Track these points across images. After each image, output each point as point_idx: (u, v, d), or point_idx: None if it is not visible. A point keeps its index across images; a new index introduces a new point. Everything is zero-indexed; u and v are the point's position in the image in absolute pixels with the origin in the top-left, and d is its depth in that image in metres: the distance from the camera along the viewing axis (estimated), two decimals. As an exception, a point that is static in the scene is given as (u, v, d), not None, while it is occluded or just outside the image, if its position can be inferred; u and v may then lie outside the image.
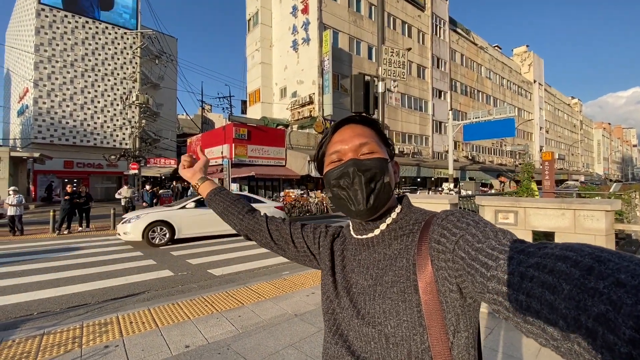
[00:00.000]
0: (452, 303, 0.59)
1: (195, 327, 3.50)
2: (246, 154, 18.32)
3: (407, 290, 0.62)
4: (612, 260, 0.34)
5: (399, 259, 0.67)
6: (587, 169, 72.32)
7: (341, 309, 0.72)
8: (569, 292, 0.34)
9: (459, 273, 0.55)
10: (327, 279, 0.80)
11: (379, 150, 0.73)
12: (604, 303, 0.31)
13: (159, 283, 5.56)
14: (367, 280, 0.70)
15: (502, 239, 0.51)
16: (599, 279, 0.33)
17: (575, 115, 69.57)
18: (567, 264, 0.36)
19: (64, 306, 4.49)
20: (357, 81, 5.89)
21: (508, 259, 0.45)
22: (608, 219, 3.28)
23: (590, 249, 0.37)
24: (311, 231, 0.93)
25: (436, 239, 0.61)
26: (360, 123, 0.77)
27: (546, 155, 7.98)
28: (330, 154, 0.76)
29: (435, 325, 0.59)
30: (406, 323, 0.61)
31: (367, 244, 0.75)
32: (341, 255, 0.80)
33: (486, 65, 39.74)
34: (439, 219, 0.64)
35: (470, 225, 0.57)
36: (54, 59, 24.06)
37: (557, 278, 0.36)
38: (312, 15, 22.92)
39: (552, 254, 0.39)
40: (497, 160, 39.70)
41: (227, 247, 8.58)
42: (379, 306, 0.64)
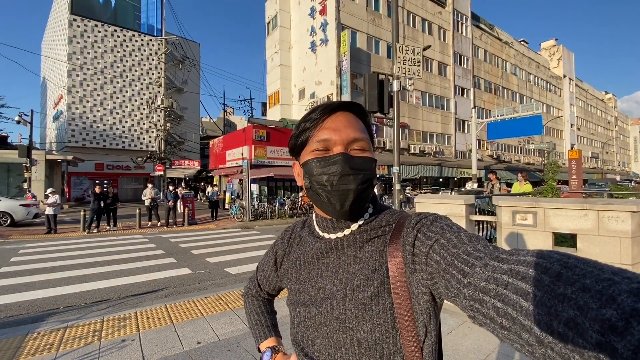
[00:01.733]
0: (424, 305, 0.59)
1: (207, 324, 3.58)
2: (265, 155, 18.56)
3: (380, 294, 0.61)
4: (578, 266, 0.35)
5: (371, 261, 0.65)
6: (623, 168, 68.00)
7: (308, 317, 0.69)
8: (541, 298, 0.35)
9: (432, 276, 0.55)
10: (292, 290, 0.76)
11: (369, 149, 0.69)
12: (572, 308, 0.32)
13: (177, 280, 5.74)
14: (335, 285, 0.67)
15: (476, 245, 0.51)
16: (567, 284, 0.34)
17: (609, 111, 65.59)
18: (538, 270, 0.37)
19: (88, 301, 4.72)
20: (370, 80, 5.84)
21: (483, 266, 0.45)
22: (635, 221, 3.07)
23: (559, 255, 0.38)
24: (264, 277, 0.91)
25: (410, 241, 0.60)
26: (354, 112, 0.70)
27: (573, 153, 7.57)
28: (317, 140, 0.67)
29: (407, 327, 0.59)
30: (379, 327, 0.60)
31: (335, 246, 0.70)
32: (304, 262, 0.75)
33: (511, 61, 38.23)
34: (412, 222, 0.63)
35: (445, 230, 0.57)
36: (85, 67, 25.41)
37: (529, 284, 0.37)
38: (330, 15, 22.93)
39: (524, 261, 0.40)
40: (524, 160, 38.09)
41: (244, 246, 8.74)
42: (350, 311, 0.62)
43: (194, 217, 13.95)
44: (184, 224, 12.90)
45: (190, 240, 9.62)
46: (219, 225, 12.98)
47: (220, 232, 11.55)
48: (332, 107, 0.69)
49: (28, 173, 17.88)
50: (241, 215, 14.13)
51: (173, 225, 12.57)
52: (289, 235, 0.85)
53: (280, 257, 0.84)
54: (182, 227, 12.51)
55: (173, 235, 10.61)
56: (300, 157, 0.72)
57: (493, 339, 3.13)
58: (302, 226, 0.85)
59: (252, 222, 13.30)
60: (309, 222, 0.83)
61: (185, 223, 12.95)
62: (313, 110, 0.70)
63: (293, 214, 15.13)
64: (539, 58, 45.08)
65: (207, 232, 11.39)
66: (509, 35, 39.73)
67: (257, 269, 0.96)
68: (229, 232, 11.51)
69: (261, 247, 8.67)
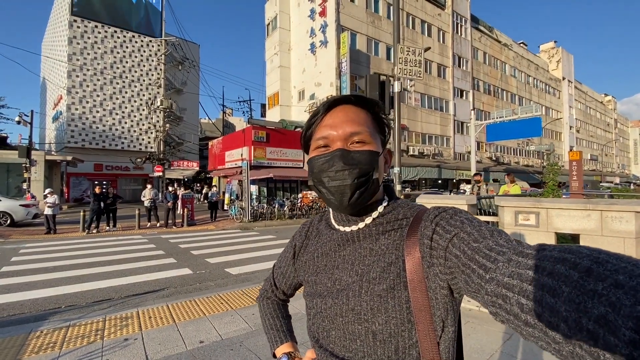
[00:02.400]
0: (442, 299, 0.59)
1: (210, 324, 3.57)
2: (265, 156, 18.57)
3: (396, 287, 0.61)
4: (610, 261, 0.33)
5: (387, 254, 0.65)
6: (622, 170, 68.21)
7: (324, 308, 0.69)
8: (569, 295, 0.34)
9: (450, 271, 0.55)
10: (309, 282, 0.76)
11: (371, 141, 0.67)
12: (603, 305, 0.31)
13: (178, 280, 5.72)
14: (351, 277, 0.67)
15: (498, 240, 0.50)
16: (597, 280, 0.32)
17: (609, 114, 65.82)
18: (565, 266, 0.36)
19: (90, 300, 4.71)
20: (372, 81, 5.85)
21: (507, 261, 0.44)
22: (639, 221, 3.08)
23: (589, 250, 0.36)
24: (281, 274, 0.90)
25: (428, 235, 0.59)
26: (356, 104, 0.70)
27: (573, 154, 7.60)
28: (318, 138, 0.70)
29: (423, 321, 0.59)
30: (395, 320, 0.60)
31: (351, 239, 0.71)
32: (321, 254, 0.75)
33: (510, 63, 38.37)
34: (430, 215, 0.63)
35: (465, 224, 0.56)
36: (85, 67, 25.40)
37: (556, 280, 0.36)
38: (329, 17, 23.00)
39: (550, 256, 0.39)
40: (523, 161, 38.19)
41: (244, 247, 8.73)
42: (365, 303, 0.62)
43: (193, 218, 13.93)
44: (183, 225, 12.88)
45: (190, 241, 9.60)
46: (218, 226, 12.96)
47: (219, 233, 11.53)
48: (330, 103, 0.70)
49: (27, 173, 17.83)
50: (240, 216, 14.11)
51: (172, 226, 12.54)
52: (307, 228, 0.86)
53: (298, 249, 0.84)
54: (182, 228, 12.49)
55: (172, 236, 10.58)
56: (309, 153, 0.74)
57: (496, 339, 3.13)
58: (319, 219, 0.85)
59: (251, 223, 13.29)
60: (327, 215, 0.83)
61: (184, 224, 12.93)
62: (319, 106, 0.72)
63: (293, 214, 15.11)
64: (538, 60, 45.27)
65: (206, 233, 11.37)
66: (508, 37, 39.91)
67: (274, 267, 0.96)
68: (228, 233, 11.49)
69: (261, 247, 8.66)
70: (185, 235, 10.74)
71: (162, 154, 26.10)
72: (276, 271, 0.93)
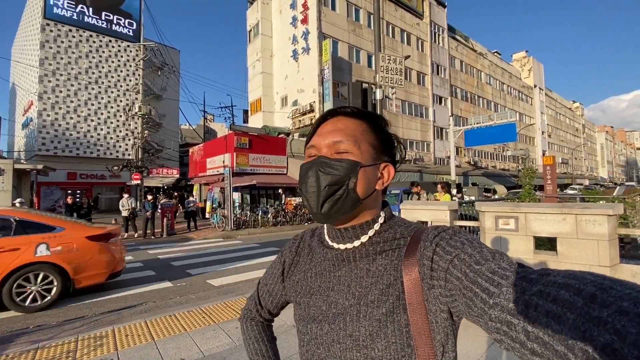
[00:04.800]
0: (442, 323, 0.57)
1: (191, 340, 3.44)
2: (247, 162, 18.35)
3: (395, 311, 0.58)
4: (614, 287, 0.33)
5: (385, 276, 0.62)
6: (591, 173, 71.76)
7: (320, 334, 0.65)
8: (574, 322, 0.33)
9: (451, 293, 0.53)
10: (301, 304, 0.72)
11: (354, 152, 0.65)
12: (609, 332, 0.30)
13: (157, 294, 5.50)
14: (348, 300, 0.64)
15: (501, 262, 0.49)
16: (602, 307, 0.32)
17: (577, 119, 69.33)
18: (570, 292, 0.35)
19: (61, 319, 4.44)
20: (354, 89, 5.90)
21: (511, 286, 0.43)
22: (611, 224, 3.21)
23: (593, 276, 0.36)
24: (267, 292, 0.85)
25: (428, 256, 0.57)
26: (351, 116, 0.69)
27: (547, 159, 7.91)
28: (308, 147, 0.71)
29: (423, 345, 0.56)
30: (394, 345, 0.57)
31: (347, 258, 0.67)
32: (315, 274, 0.72)
33: (486, 71, 39.86)
34: (430, 235, 0.61)
35: (465, 244, 0.55)
36: (58, 72, 24.45)
37: (561, 307, 0.35)
38: (311, 25, 23.20)
39: (554, 282, 0.38)
40: (500, 165, 39.52)
41: (227, 257, 8.53)
42: (364, 328, 0.59)
43: (173, 228, 13.52)
44: (162, 235, 12.48)
45: (170, 252, 9.31)
46: (199, 236, 12.63)
47: (201, 242, 11.24)
48: (326, 113, 0.72)
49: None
50: (223, 224, 13.83)
51: (151, 237, 12.13)
52: (297, 244, 0.82)
53: (288, 267, 0.80)
54: (161, 238, 12.10)
55: (151, 247, 10.22)
56: None
57: (481, 344, 3.15)
58: (311, 235, 0.81)
59: (234, 232, 13.04)
60: (319, 231, 0.79)
61: (164, 234, 12.53)
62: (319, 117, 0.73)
63: (277, 222, 14.94)
64: (511, 69, 47.25)
65: (187, 243, 11.06)
66: (482, 46, 41.49)
67: (259, 284, 0.90)
68: (210, 242, 11.22)
69: (245, 257, 8.49)
70: (165, 246, 10.39)
71: (140, 161, 25.33)
72: (262, 289, 0.88)
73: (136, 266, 7.55)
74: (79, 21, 25.63)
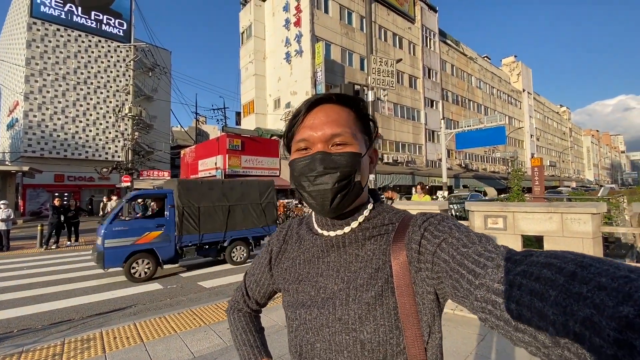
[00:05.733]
0: (428, 305, 0.58)
1: (181, 341, 3.40)
2: (240, 164, 18.28)
3: (384, 294, 0.60)
4: (593, 265, 0.34)
5: (374, 260, 0.63)
6: (578, 175, 73.30)
7: (309, 319, 0.65)
8: (556, 298, 0.34)
9: (438, 275, 0.55)
10: (289, 291, 0.72)
11: (353, 142, 0.64)
12: (588, 307, 0.31)
13: (147, 297, 5.43)
14: (337, 284, 0.64)
15: (487, 245, 0.50)
16: (582, 283, 0.33)
17: (564, 123, 70.83)
18: (552, 270, 0.37)
19: (47, 323, 4.34)
20: (346, 90, 5.94)
21: (496, 267, 0.45)
22: (594, 222, 3.29)
23: (573, 255, 0.38)
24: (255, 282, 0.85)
25: (416, 240, 0.59)
26: (338, 103, 0.67)
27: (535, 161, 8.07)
28: (298, 140, 0.67)
29: (411, 327, 0.58)
30: (383, 327, 0.58)
31: (336, 244, 0.68)
32: (303, 261, 0.72)
33: (476, 75, 40.47)
34: (418, 221, 0.62)
35: (453, 229, 0.56)
36: (45, 72, 24.00)
37: (543, 285, 0.37)
38: (304, 27, 23.27)
39: (537, 262, 0.39)
40: (490, 168, 40.07)
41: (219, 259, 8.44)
42: (353, 311, 0.60)
43: (164, 230, 13.33)
44: (153, 237, 12.29)
45: (161, 254, 9.16)
46: (191, 238, 12.48)
47: (192, 244, 11.10)
48: (311, 102, 0.67)
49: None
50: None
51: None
52: (284, 232, 0.81)
53: (275, 255, 0.79)
54: (152, 240, 11.92)
55: (142, 249, 10.06)
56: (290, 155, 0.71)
57: (470, 341, 3.19)
58: (299, 223, 0.81)
59: (226, 234, 12.92)
60: (307, 219, 0.79)
61: (154, 236, 12.35)
62: (300, 105, 0.69)
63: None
64: (500, 73, 48.06)
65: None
66: (473, 51, 42.12)
67: (246, 274, 0.90)
68: (202, 244, 11.09)
69: (236, 258, 8.42)
70: (155, 248, 10.23)
71: (130, 163, 24.99)
72: (249, 279, 0.87)
73: (125, 269, 7.42)
74: (67, 20, 25.23)
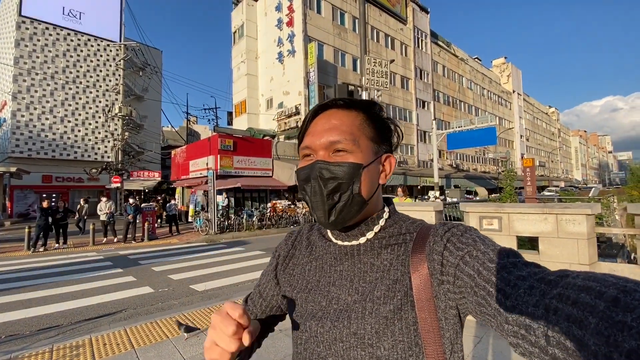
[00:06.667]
0: (451, 320, 0.55)
1: (173, 347, 3.32)
2: (232, 165, 18.11)
3: (403, 308, 0.56)
4: (637, 290, 0.32)
5: (392, 271, 0.59)
6: (566, 175, 74.67)
7: (321, 332, 0.60)
8: (596, 327, 0.32)
9: (460, 290, 0.51)
10: (297, 300, 0.67)
11: (353, 150, 0.61)
12: (634, 338, 0.29)
13: (138, 301, 5.31)
14: (351, 295, 0.60)
15: (516, 262, 0.47)
16: (625, 311, 0.30)
17: (553, 124, 72.11)
18: (590, 295, 0.34)
19: (34, 328, 4.21)
20: (340, 90, 5.92)
21: (529, 288, 0.41)
22: (589, 223, 3.31)
23: (615, 279, 0.35)
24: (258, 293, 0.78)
25: (438, 251, 0.55)
26: (344, 108, 0.65)
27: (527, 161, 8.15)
28: (303, 147, 0.65)
29: (432, 344, 0.54)
30: (402, 344, 0.55)
31: (350, 252, 0.64)
32: (314, 268, 0.68)
33: (467, 76, 40.92)
34: (440, 231, 0.59)
35: (478, 242, 0.53)
36: (33, 71, 23.48)
37: (582, 310, 0.33)
38: (297, 27, 23.21)
39: (574, 284, 0.36)
40: (481, 168, 40.53)
41: (210, 261, 8.35)
42: (370, 326, 0.56)
43: (154, 232, 13.14)
44: (143, 240, 12.10)
45: (151, 257, 9.03)
46: (182, 240, 12.32)
47: (183, 246, 10.97)
48: (316, 109, 0.66)
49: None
50: (206, 228, 13.56)
51: (131, 241, 11.74)
52: (293, 238, 0.78)
53: (282, 260, 0.75)
54: (142, 243, 11.73)
55: (132, 252, 9.90)
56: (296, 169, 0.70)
57: (467, 344, 3.18)
58: (309, 229, 0.77)
59: (218, 235, 12.79)
60: (319, 226, 0.75)
61: (145, 238, 12.16)
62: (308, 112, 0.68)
63: (262, 225, 14.77)
64: (490, 74, 48.70)
65: (169, 247, 10.76)
66: (464, 52, 42.60)
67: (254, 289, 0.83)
68: (193, 246, 10.97)
69: (229, 261, 8.34)
70: (145, 251, 10.08)
71: (120, 164, 24.63)
72: (254, 290, 0.81)
73: (115, 272, 7.28)
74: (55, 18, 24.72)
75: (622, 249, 5.61)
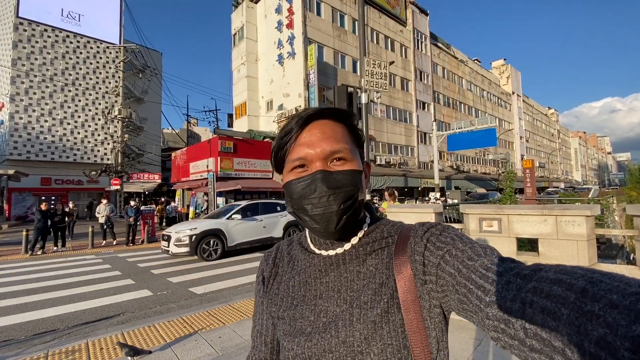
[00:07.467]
0: (436, 318, 0.56)
1: (171, 351, 3.29)
2: (232, 167, 18.11)
3: (390, 310, 0.56)
4: (603, 281, 0.34)
5: (377, 275, 0.59)
6: (566, 176, 74.66)
7: (308, 346, 0.58)
8: (568, 317, 0.34)
9: (442, 289, 0.53)
10: (285, 319, 0.65)
11: (351, 159, 0.61)
12: (601, 326, 0.30)
13: (136, 304, 5.28)
14: (339, 306, 0.60)
15: (493, 259, 0.48)
16: (593, 301, 0.32)
17: (552, 125, 72.12)
18: (562, 287, 0.36)
19: (30, 333, 4.18)
20: (340, 92, 5.89)
21: (506, 283, 0.43)
22: (589, 224, 3.29)
23: (583, 270, 0.37)
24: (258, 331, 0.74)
25: (420, 251, 0.56)
26: (332, 118, 0.64)
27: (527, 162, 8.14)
28: (294, 159, 0.61)
29: (418, 344, 0.55)
30: (391, 347, 0.55)
31: (335, 262, 0.63)
32: (299, 283, 0.66)
33: (467, 78, 40.94)
34: (419, 231, 0.59)
35: (456, 240, 0.54)
36: (32, 74, 23.51)
37: (555, 303, 0.35)
38: (297, 29, 23.23)
39: (547, 278, 0.38)
40: (481, 170, 40.52)
41: (211, 263, 8.31)
42: (359, 332, 0.56)
43: (154, 234, 13.11)
44: (143, 242, 12.07)
45: (150, 259, 9.00)
46: (182, 242, 12.27)
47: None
48: (305, 118, 0.63)
49: (-41, 189, 15.95)
50: (207, 230, 13.50)
51: (130, 244, 11.71)
52: (273, 255, 0.75)
53: (267, 281, 0.73)
54: (141, 245, 11.69)
55: (131, 255, 9.86)
56: (282, 174, 0.66)
57: (467, 346, 3.15)
58: (288, 243, 0.75)
59: (218, 237, 12.75)
60: (299, 239, 0.73)
61: (144, 241, 12.13)
62: (289, 121, 0.64)
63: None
64: (490, 76, 48.75)
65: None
66: (463, 54, 42.65)
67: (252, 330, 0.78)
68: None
69: (229, 263, 8.30)
70: (145, 253, 10.04)
71: (119, 166, 24.60)
72: (253, 333, 0.76)
73: (114, 274, 7.25)
74: (55, 21, 24.77)
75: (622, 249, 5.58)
